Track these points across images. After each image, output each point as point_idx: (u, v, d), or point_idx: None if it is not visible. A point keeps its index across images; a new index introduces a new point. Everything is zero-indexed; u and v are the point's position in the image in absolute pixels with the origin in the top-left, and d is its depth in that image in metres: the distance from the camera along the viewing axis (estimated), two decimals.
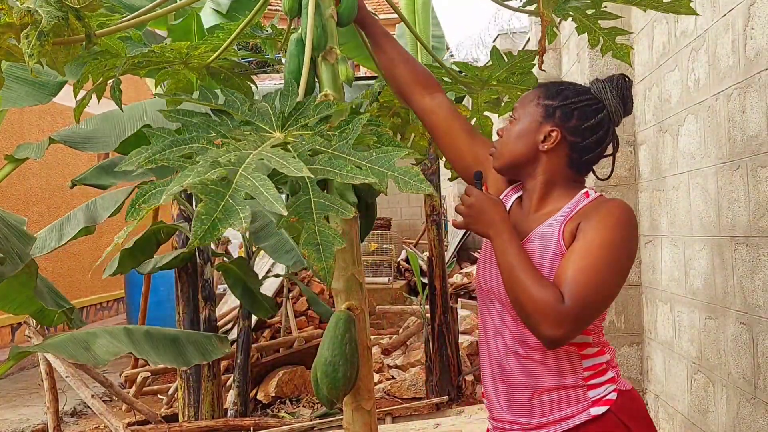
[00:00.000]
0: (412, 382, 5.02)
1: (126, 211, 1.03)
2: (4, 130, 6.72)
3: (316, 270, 1.07)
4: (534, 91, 1.47)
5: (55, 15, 1.11)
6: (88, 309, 8.93)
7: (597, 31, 1.77)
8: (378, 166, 1.16)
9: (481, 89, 1.85)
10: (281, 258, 4.05)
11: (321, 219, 1.10)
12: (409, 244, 9.97)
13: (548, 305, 1.23)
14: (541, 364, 1.37)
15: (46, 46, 1.09)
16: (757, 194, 2.39)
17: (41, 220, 7.62)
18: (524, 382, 1.39)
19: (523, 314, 1.28)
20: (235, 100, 1.35)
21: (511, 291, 1.30)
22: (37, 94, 2.77)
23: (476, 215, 1.36)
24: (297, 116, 1.31)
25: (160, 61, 1.61)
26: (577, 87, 1.45)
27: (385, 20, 5.88)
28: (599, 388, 1.36)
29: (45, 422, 4.06)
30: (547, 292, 1.24)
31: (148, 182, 1.07)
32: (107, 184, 3.16)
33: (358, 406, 1.45)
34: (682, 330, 3.21)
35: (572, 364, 1.37)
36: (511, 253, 1.30)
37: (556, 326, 1.23)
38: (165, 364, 2.89)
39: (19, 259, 2.20)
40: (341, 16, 1.53)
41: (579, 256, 1.28)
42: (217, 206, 0.98)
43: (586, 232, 1.31)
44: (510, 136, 1.46)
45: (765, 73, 2.32)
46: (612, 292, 1.30)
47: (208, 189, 0.99)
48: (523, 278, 1.27)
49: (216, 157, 1.08)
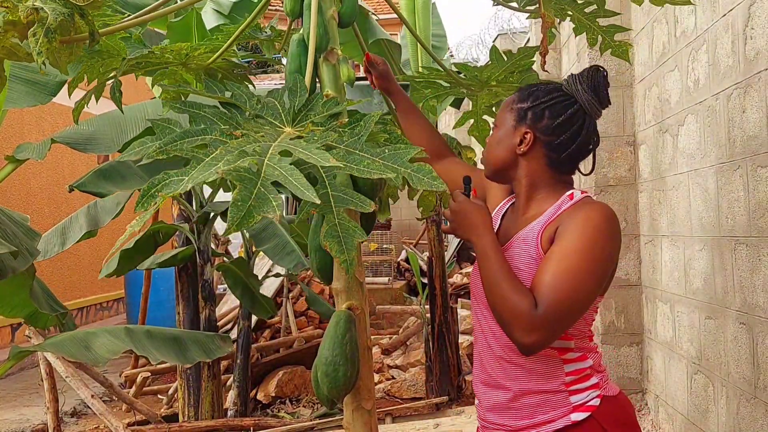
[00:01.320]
0: (412, 382, 5.02)
1: (136, 202, 1.02)
2: (4, 131, 6.73)
3: (339, 261, 1.09)
4: (511, 96, 1.50)
5: (61, 12, 1.11)
6: (88, 309, 8.93)
7: (595, 29, 1.77)
8: (391, 163, 1.16)
9: (481, 90, 1.85)
10: (282, 260, 4.05)
11: (341, 212, 1.12)
12: (409, 244, 9.96)
13: (521, 312, 1.23)
14: (522, 368, 1.38)
15: (54, 43, 1.09)
16: (756, 194, 2.39)
17: (42, 221, 7.62)
18: (507, 385, 1.40)
19: (499, 320, 1.29)
20: (242, 94, 1.36)
21: (489, 296, 1.31)
22: (37, 94, 2.77)
23: (460, 220, 1.38)
24: (306, 112, 1.32)
25: (160, 62, 1.61)
26: (548, 86, 1.45)
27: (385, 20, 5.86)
28: (581, 393, 1.35)
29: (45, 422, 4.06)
30: (520, 299, 1.24)
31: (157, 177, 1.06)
32: (105, 192, 3.15)
33: (359, 406, 1.45)
34: (682, 330, 3.21)
35: (553, 369, 1.37)
36: (491, 258, 1.32)
37: (529, 333, 1.23)
38: (167, 361, 2.89)
39: (29, 254, 2.21)
40: (342, 17, 1.53)
41: (554, 262, 1.27)
42: (251, 193, 0.99)
43: (563, 236, 1.30)
44: (492, 143, 1.49)
45: (765, 73, 2.32)
46: (588, 298, 1.29)
47: (241, 176, 1.00)
48: (501, 284, 1.28)
49: (239, 147, 1.09)
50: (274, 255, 4.08)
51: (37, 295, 2.67)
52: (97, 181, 3.15)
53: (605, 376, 1.42)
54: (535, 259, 1.34)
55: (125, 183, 3.21)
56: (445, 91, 1.88)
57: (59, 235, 3.61)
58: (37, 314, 2.88)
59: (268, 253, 4.10)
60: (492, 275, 1.30)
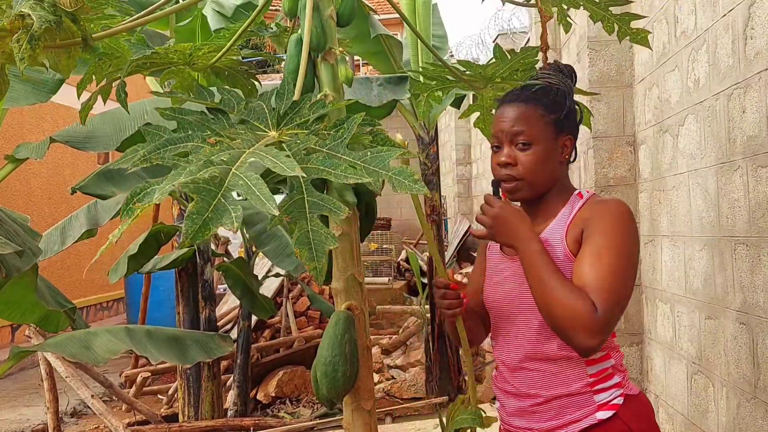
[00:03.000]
0: (412, 382, 5.02)
1: (120, 210, 1.04)
2: (4, 130, 6.72)
3: (309, 269, 1.07)
4: (532, 108, 1.43)
5: (47, 19, 1.11)
6: (88, 309, 8.93)
7: (610, 17, 1.75)
8: (372, 166, 1.14)
9: (485, 87, 1.85)
10: (282, 263, 4.05)
11: (314, 219, 1.09)
12: (409, 244, 9.96)
13: (585, 315, 1.24)
14: (546, 375, 1.39)
15: (38, 50, 1.09)
16: (757, 194, 2.39)
17: (42, 221, 7.62)
18: (531, 393, 1.41)
19: (557, 325, 1.28)
20: (230, 99, 1.35)
21: (544, 302, 1.29)
22: (37, 92, 2.77)
23: (500, 226, 1.35)
24: (293, 115, 1.31)
25: (164, 62, 1.61)
26: (559, 89, 1.45)
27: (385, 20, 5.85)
28: (605, 392, 1.37)
29: (45, 422, 4.06)
30: (582, 303, 1.25)
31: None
32: (107, 194, 3.16)
33: (358, 406, 1.45)
34: (682, 330, 3.21)
35: (577, 371, 1.38)
36: (541, 264, 1.30)
37: (594, 335, 1.25)
38: (168, 361, 2.89)
39: (32, 254, 2.21)
40: (340, 16, 1.53)
41: (595, 262, 1.29)
42: (209, 205, 0.98)
43: (595, 236, 1.32)
44: (538, 161, 1.41)
45: (765, 73, 2.32)
46: (630, 293, 1.33)
47: (200, 188, 0.99)
48: (558, 289, 1.27)
49: (209, 155, 1.08)
50: (274, 257, 4.08)
51: (43, 292, 2.67)
52: (99, 183, 3.16)
53: (626, 375, 1.44)
54: (563, 260, 1.35)
55: (127, 184, 3.21)
56: (450, 84, 1.87)
57: (59, 234, 3.62)
58: (48, 317, 2.87)
59: (269, 255, 4.10)
60: (546, 281, 1.28)
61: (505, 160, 1.42)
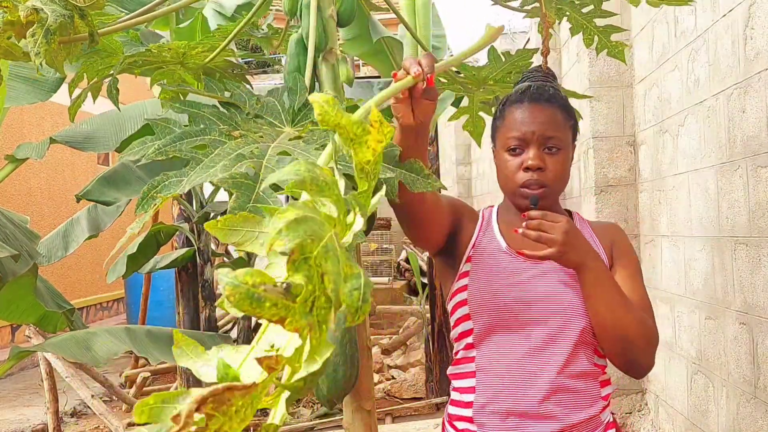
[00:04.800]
0: (412, 383, 5.02)
1: (136, 205, 1.02)
2: (4, 130, 6.72)
3: None
4: (558, 112, 1.33)
5: (61, 13, 1.11)
6: (88, 309, 8.93)
7: (592, 29, 1.76)
8: (385, 162, 1.15)
9: (478, 89, 1.85)
10: None
11: None
12: (409, 244, 9.96)
13: (655, 335, 1.27)
14: (575, 394, 1.29)
15: (53, 44, 1.08)
16: (757, 194, 2.39)
17: (42, 221, 7.62)
18: (559, 415, 1.27)
19: (630, 344, 1.23)
20: (242, 94, 1.35)
21: (618, 322, 1.23)
22: (37, 91, 2.77)
23: (573, 241, 1.22)
24: (306, 112, 1.31)
25: (157, 60, 1.60)
26: (562, 93, 1.41)
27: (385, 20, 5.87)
28: (606, 410, 1.34)
29: (45, 422, 4.06)
30: (652, 322, 1.28)
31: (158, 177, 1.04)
32: (111, 200, 3.15)
33: (358, 406, 1.45)
34: (682, 330, 3.21)
35: (596, 389, 1.32)
36: (610, 283, 1.25)
37: (655, 354, 1.28)
38: (167, 361, 2.89)
39: (29, 257, 2.21)
40: (341, 16, 1.53)
41: (633, 285, 1.32)
42: (249, 200, 0.96)
43: (623, 259, 1.36)
44: (560, 169, 1.31)
45: (765, 73, 2.32)
46: None
47: (237, 183, 0.97)
48: (633, 309, 1.25)
49: (236, 149, 1.07)
50: None
51: (42, 294, 2.67)
52: (102, 189, 3.15)
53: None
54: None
55: (130, 188, 3.21)
56: (443, 86, 1.87)
57: (61, 239, 3.61)
58: (46, 318, 2.87)
59: None
60: (619, 300, 1.24)
61: (537, 163, 1.28)
